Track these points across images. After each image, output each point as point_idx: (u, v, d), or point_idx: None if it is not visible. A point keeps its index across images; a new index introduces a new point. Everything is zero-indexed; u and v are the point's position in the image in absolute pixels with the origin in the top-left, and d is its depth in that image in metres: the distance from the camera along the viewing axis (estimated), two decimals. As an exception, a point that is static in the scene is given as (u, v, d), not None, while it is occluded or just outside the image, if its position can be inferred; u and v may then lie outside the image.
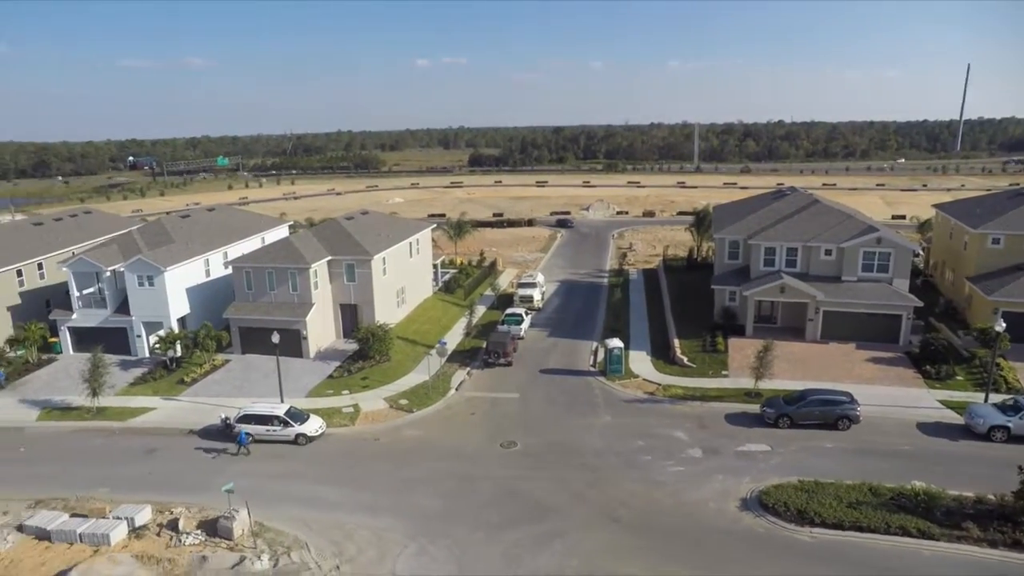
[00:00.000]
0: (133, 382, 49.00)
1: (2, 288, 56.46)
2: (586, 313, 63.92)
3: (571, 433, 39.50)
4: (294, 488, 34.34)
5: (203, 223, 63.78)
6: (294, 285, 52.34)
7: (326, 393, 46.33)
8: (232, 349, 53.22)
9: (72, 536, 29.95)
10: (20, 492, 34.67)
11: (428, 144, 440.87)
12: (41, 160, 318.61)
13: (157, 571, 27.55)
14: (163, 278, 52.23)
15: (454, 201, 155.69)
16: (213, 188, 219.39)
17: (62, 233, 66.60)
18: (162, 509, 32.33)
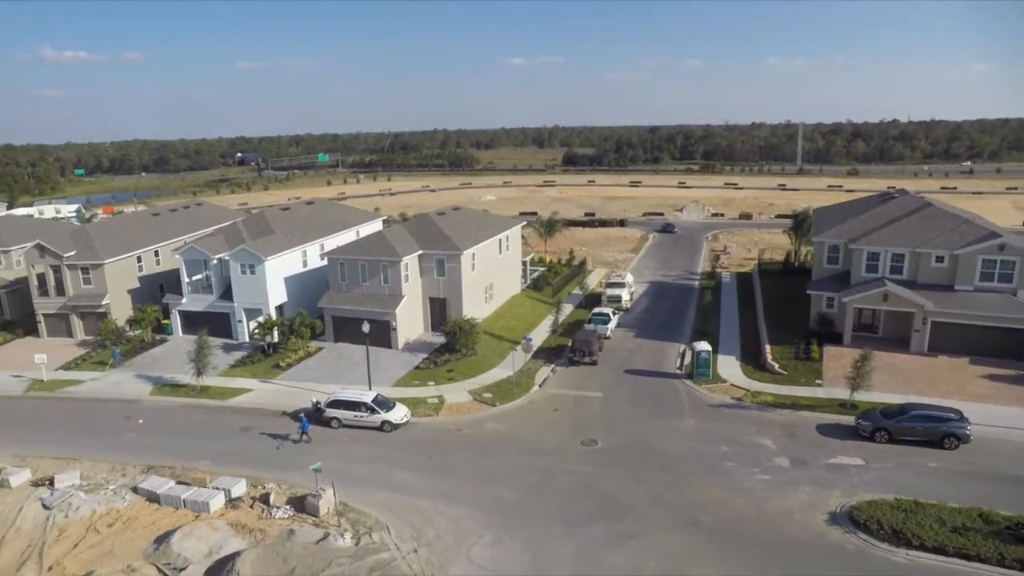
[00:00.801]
0: (233, 364, 52.28)
1: (124, 273, 61.56)
2: (675, 315, 62.91)
3: (653, 434, 39.13)
4: (378, 472, 35.78)
5: (302, 216, 67.13)
6: (385, 278, 54.27)
7: (412, 383, 47.85)
8: (325, 337, 55.78)
9: (177, 501, 32.53)
10: (135, 458, 37.99)
11: (522, 143, 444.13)
12: (161, 156, 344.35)
13: (249, 540, 29.50)
14: (264, 267, 55.41)
15: (546, 200, 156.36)
16: (313, 183, 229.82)
17: (176, 223, 71.85)
18: (256, 483, 34.54)
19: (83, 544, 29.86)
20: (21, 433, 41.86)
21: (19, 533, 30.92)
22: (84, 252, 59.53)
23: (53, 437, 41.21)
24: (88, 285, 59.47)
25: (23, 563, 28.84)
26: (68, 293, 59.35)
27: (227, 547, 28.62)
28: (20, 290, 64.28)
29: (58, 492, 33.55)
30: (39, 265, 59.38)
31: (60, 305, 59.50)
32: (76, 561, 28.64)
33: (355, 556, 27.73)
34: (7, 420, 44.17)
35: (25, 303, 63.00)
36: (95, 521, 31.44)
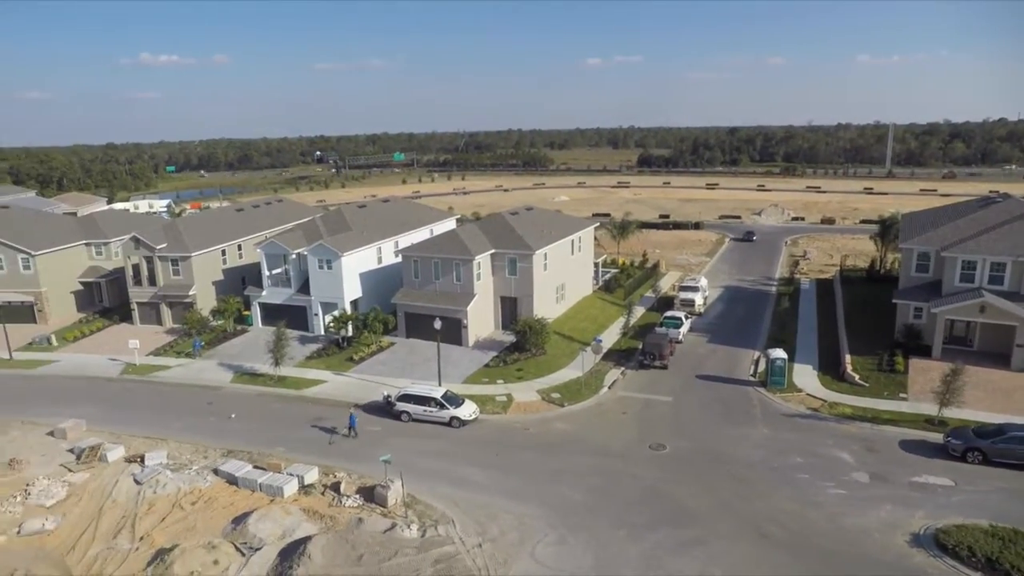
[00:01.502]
0: (309, 356, 54.27)
1: (210, 265, 64.86)
2: (750, 321, 61.44)
3: (724, 442, 38.42)
4: (445, 467, 36.52)
5: (378, 213, 69.00)
6: (458, 275, 55.21)
7: (482, 381, 48.52)
8: (397, 332, 57.19)
9: (254, 485, 34.15)
10: (216, 442, 40.09)
11: (597, 143, 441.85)
12: (245, 154, 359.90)
13: (320, 525, 30.70)
14: (340, 262, 57.30)
15: (620, 201, 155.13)
16: (389, 182, 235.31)
17: (258, 219, 75.13)
18: (327, 472, 35.84)
19: (169, 519, 31.78)
20: (116, 412, 44.82)
21: (115, 504, 33.18)
22: (174, 245, 63.06)
23: (144, 418, 43.94)
24: (177, 276, 62.96)
25: (118, 531, 30.97)
26: (159, 283, 63.00)
27: (299, 531, 29.86)
28: (118, 279, 68.64)
29: (148, 469, 35.80)
30: (134, 256, 63.26)
31: (152, 294, 63.25)
32: (163, 534, 30.51)
33: (420, 548, 28.45)
34: (105, 400, 47.32)
35: (121, 292, 67.25)
36: (180, 498, 33.38)
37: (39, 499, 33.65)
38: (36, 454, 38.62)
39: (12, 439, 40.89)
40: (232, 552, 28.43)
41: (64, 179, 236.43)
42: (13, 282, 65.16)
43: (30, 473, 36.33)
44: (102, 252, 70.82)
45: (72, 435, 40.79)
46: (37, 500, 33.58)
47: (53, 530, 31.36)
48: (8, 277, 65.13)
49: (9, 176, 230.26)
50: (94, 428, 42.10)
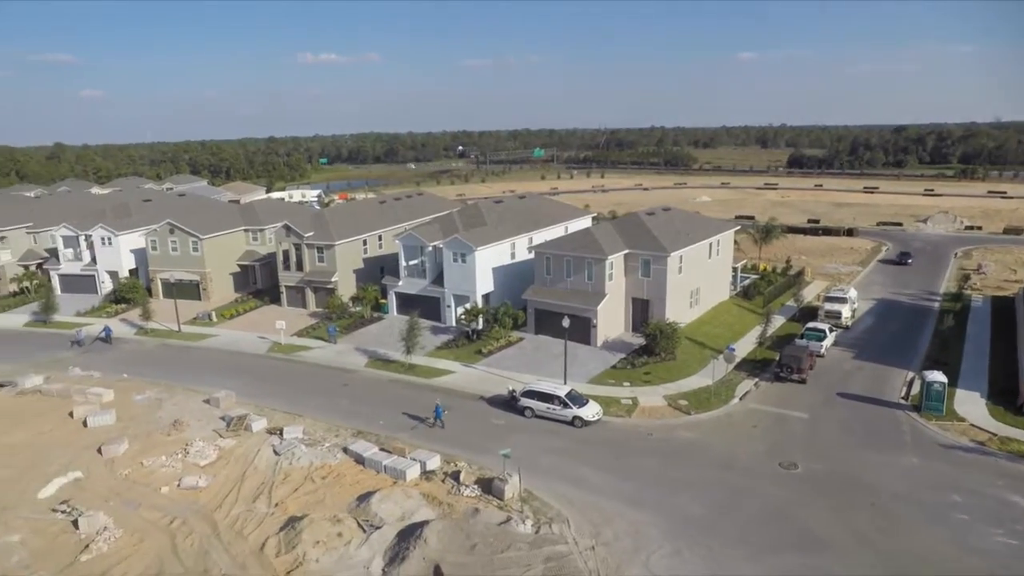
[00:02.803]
0: (439, 346, 56.34)
1: (352, 254, 68.98)
2: (904, 338, 56.74)
3: (865, 467, 35.82)
4: (564, 465, 36.74)
5: (514, 209, 70.30)
6: (590, 274, 55.20)
7: (607, 382, 48.28)
8: (527, 328, 58.07)
9: (379, 466, 36.08)
10: (346, 422, 42.70)
11: (744, 142, 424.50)
12: (391, 148, 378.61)
13: (438, 511, 31.90)
14: (474, 256, 58.99)
15: (765, 203, 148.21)
16: (528, 177, 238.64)
17: (398, 211, 78.88)
18: (448, 460, 37.15)
19: (301, 490, 34.29)
20: (262, 387, 48.87)
21: (256, 471, 36.28)
22: (320, 233, 67.61)
23: (285, 394, 47.59)
24: (321, 263, 67.48)
25: (257, 496, 33.87)
26: (305, 269, 67.84)
27: (418, 514, 31.20)
28: (269, 264, 74.68)
29: (285, 442, 38.80)
30: (285, 243, 68.51)
31: (298, 279, 68.22)
32: (295, 503, 32.99)
33: (533, 544, 28.84)
34: (253, 375, 51.73)
35: (272, 275, 73.09)
36: (312, 472, 35.91)
37: (195, 458, 37.43)
38: (194, 418, 42.95)
39: (176, 403, 45.76)
40: (355, 527, 30.23)
41: (231, 169, 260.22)
42: (184, 262, 72.66)
43: (189, 434, 40.48)
44: (258, 238, 77.27)
45: (224, 404, 44.99)
46: (193, 459, 37.37)
47: (205, 487, 34.79)
48: (181, 258, 72.70)
49: (187, 167, 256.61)
50: (242, 400, 46.19)
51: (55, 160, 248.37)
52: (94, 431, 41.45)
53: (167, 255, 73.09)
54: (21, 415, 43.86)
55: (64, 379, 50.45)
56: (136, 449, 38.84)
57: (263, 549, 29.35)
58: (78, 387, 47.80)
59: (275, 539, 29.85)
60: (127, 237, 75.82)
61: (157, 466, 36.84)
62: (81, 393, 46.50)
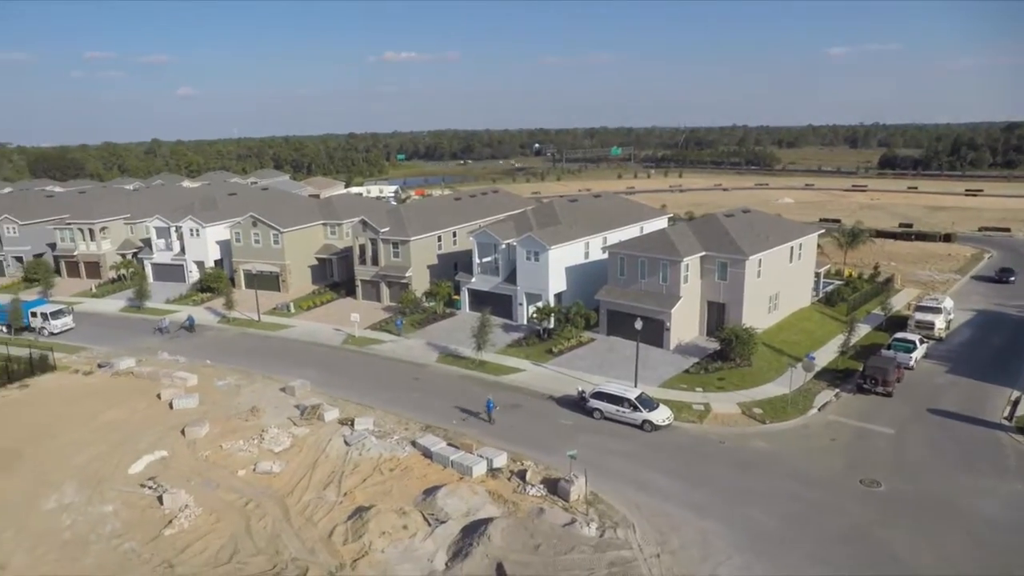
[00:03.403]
0: (510, 344, 56.63)
1: (426, 250, 70.15)
2: (1009, 353, 53.34)
3: (958, 491, 33.86)
4: (632, 470, 36.32)
5: (588, 208, 69.91)
6: (664, 276, 54.34)
7: (679, 386, 47.44)
8: (598, 329, 57.67)
9: (446, 461, 36.57)
10: (417, 416, 43.49)
11: (832, 142, 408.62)
12: (468, 144, 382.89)
13: (503, 509, 32.08)
14: (547, 255, 59.00)
15: (852, 206, 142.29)
16: (604, 176, 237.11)
17: (473, 208, 79.68)
18: (515, 459, 37.29)
19: (370, 481, 35.14)
20: (335, 378, 50.33)
21: (327, 460, 37.41)
22: (396, 229, 69.01)
23: (357, 385, 48.84)
24: (396, 258, 68.89)
25: (327, 484, 34.93)
26: (380, 263, 69.41)
27: (483, 511, 31.47)
28: (346, 257, 76.79)
29: (356, 433, 39.83)
30: (361, 237, 70.28)
31: (374, 273, 69.88)
32: (364, 494, 33.83)
33: (597, 547, 28.63)
34: (327, 366, 53.34)
35: (348, 269, 75.14)
36: (380, 463, 36.75)
37: (270, 444, 38.91)
38: (271, 405, 44.65)
39: (255, 390, 47.70)
40: (420, 521, 30.77)
41: (312, 164, 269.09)
42: (265, 254, 75.60)
43: (265, 421, 42.11)
44: (335, 232, 79.55)
45: (299, 393, 46.58)
46: (268, 445, 38.85)
47: (278, 473, 36.12)
48: (262, 250, 75.66)
49: (271, 161, 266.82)
50: (316, 389, 47.70)
51: (152, 155, 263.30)
52: (179, 413, 43.69)
53: (249, 247, 76.23)
54: (116, 395, 46.67)
55: (154, 363, 53.39)
56: (216, 432, 40.71)
57: (331, 536, 30.24)
58: (166, 371, 50.53)
59: (343, 527, 30.71)
60: (213, 229, 79.49)
61: (235, 450, 38.51)
62: (168, 377, 49.15)
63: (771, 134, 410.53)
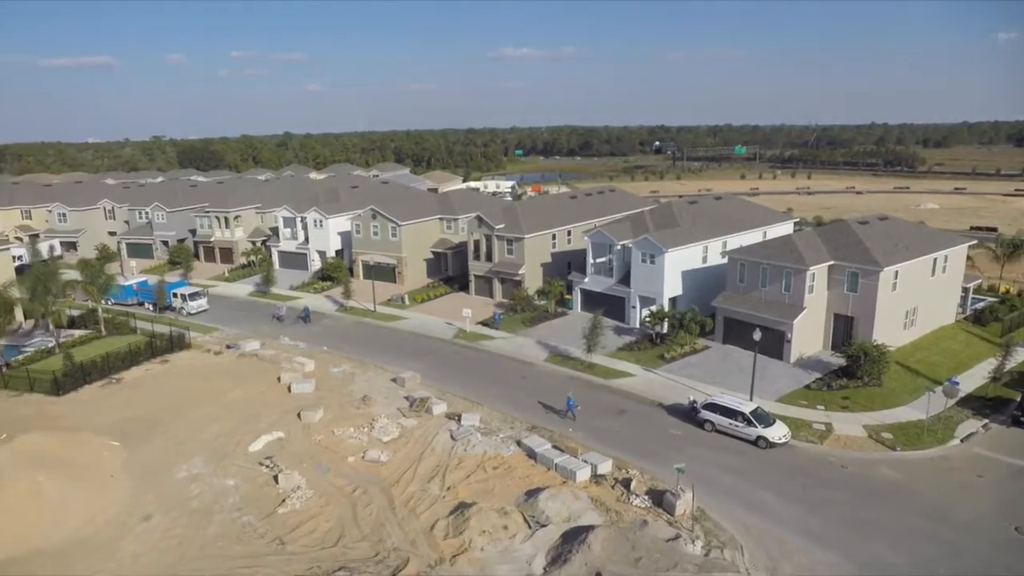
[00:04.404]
0: (620, 347, 55.86)
1: (540, 248, 70.42)
2: None
3: None
4: (742, 488, 34.90)
5: (708, 211, 67.79)
6: (787, 285, 51.88)
7: (798, 402, 45.14)
8: (714, 337, 55.86)
9: (550, 463, 36.55)
10: (523, 414, 43.76)
11: (991, 140, 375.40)
12: (587, 141, 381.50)
13: (604, 517, 31.67)
14: (663, 258, 57.74)
15: (1014, 213, 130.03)
16: (726, 176, 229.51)
17: (589, 207, 79.19)
18: (620, 466, 36.74)
19: (473, 477, 35.70)
20: (445, 372, 51.52)
21: (433, 453, 38.37)
22: (511, 226, 69.68)
23: (465, 380, 49.75)
24: (510, 255, 69.57)
25: (432, 478, 35.85)
26: (494, 260, 70.36)
27: (584, 518, 31.20)
28: (460, 252, 78.38)
29: (462, 428, 40.58)
30: (476, 233, 71.50)
31: (487, 269, 70.93)
32: (466, 490, 34.42)
33: (702, 567, 27.68)
34: (437, 359, 54.68)
35: (462, 264, 76.68)
36: (484, 461, 37.24)
37: (379, 434, 40.36)
38: (381, 395, 46.29)
39: (367, 379, 49.65)
40: (521, 522, 30.93)
41: (432, 159, 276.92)
42: (384, 247, 78.50)
43: (375, 410, 43.72)
44: (451, 227, 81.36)
45: (409, 385, 48.03)
46: (377, 434, 40.31)
47: (385, 462, 37.44)
48: (380, 242, 78.62)
49: (393, 155, 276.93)
50: (425, 382, 49.00)
51: (283, 147, 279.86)
52: (296, 397, 46.16)
53: (369, 239, 79.40)
54: (241, 375, 49.97)
55: (276, 347, 56.72)
56: (329, 418, 42.69)
57: (432, 530, 30.98)
58: (286, 355, 53.58)
59: (444, 522, 31.36)
60: (335, 220, 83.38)
61: (346, 436, 40.22)
62: (288, 361, 52.07)
63: (915, 132, 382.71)
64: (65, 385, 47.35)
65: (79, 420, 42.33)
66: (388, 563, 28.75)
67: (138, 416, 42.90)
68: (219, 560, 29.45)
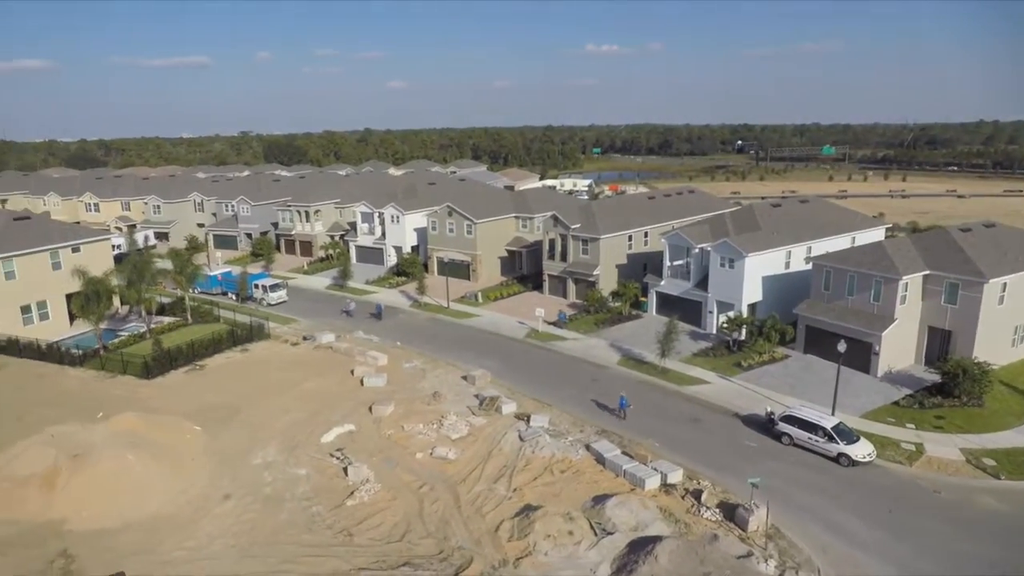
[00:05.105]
0: (695, 353, 54.59)
1: (615, 249, 69.58)
2: None
3: None
4: (821, 507, 33.48)
5: (792, 214, 65.41)
6: (877, 295, 49.53)
7: (885, 420, 42.97)
8: (794, 346, 53.91)
9: (619, 469, 36.00)
10: (592, 419, 43.32)
11: None
12: (666, 140, 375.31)
13: (673, 529, 30.93)
14: (743, 263, 56.08)
15: None
16: (813, 177, 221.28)
17: (667, 208, 77.74)
18: (691, 476, 35.86)
19: (540, 480, 35.53)
20: (515, 371, 51.58)
21: (500, 453, 38.42)
22: (587, 226, 69.12)
23: (536, 381, 49.67)
24: (585, 255, 69.04)
25: (499, 478, 35.87)
26: (569, 260, 69.96)
27: (652, 528, 30.57)
28: (535, 251, 78.33)
29: (531, 430, 40.47)
30: (552, 232, 71.26)
31: (561, 269, 70.62)
32: (533, 492, 34.28)
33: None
34: (508, 358, 54.79)
35: (536, 262, 76.59)
36: (552, 464, 37.01)
37: (448, 431, 40.70)
38: (452, 392, 46.71)
39: (438, 375, 50.20)
40: (587, 528, 30.54)
41: (509, 156, 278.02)
42: (459, 244, 79.28)
43: (445, 407, 44.12)
44: (527, 225, 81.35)
45: (479, 383, 48.27)
46: (446, 432, 40.66)
47: (453, 460, 37.70)
48: (456, 239, 79.43)
49: (470, 151, 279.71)
50: (496, 381, 49.16)
51: (364, 143, 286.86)
52: (368, 390, 47.11)
53: (444, 235, 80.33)
54: (316, 367, 51.39)
55: (350, 340, 58.04)
56: (399, 413, 43.36)
57: (497, 531, 30.97)
58: (360, 349, 54.75)
59: (509, 523, 31.32)
60: (412, 216, 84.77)
61: (415, 432, 40.75)
62: (362, 355, 53.20)
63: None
64: (154, 370, 49.87)
65: (165, 404, 44.44)
66: (452, 561, 28.92)
67: (218, 403, 44.70)
68: (288, 547, 30.30)
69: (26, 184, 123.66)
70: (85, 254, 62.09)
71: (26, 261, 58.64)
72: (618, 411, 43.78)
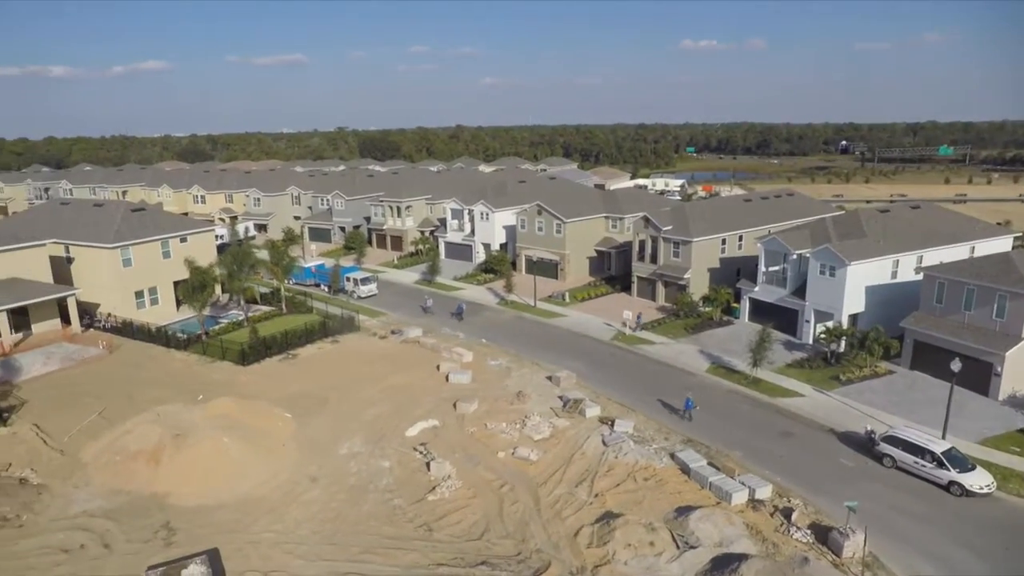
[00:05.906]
0: (790, 363, 52.48)
1: (708, 252, 67.81)
2: None
3: None
4: (927, 538, 31.46)
5: (902, 221, 61.83)
6: (1000, 310, 46.13)
7: (1008, 448, 39.80)
8: (899, 361, 51.03)
9: (704, 481, 35.03)
10: (678, 426, 42.43)
11: None
12: (764, 139, 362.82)
13: (759, 548, 29.75)
14: (845, 271, 53.50)
15: None
16: (926, 180, 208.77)
17: (764, 211, 75.14)
18: (782, 493, 34.45)
19: (622, 487, 34.99)
20: (600, 373, 51.06)
21: (583, 456, 38.10)
22: (678, 228, 67.63)
23: (621, 384, 49.00)
24: (676, 258, 67.60)
25: (580, 482, 35.58)
26: (659, 262, 68.69)
27: (736, 545, 29.53)
28: (624, 252, 77.40)
29: (615, 434, 39.93)
30: (642, 234, 70.15)
31: (651, 271, 69.42)
32: (614, 499, 33.81)
33: (873, 619, 25.27)
34: (594, 360, 54.28)
35: (626, 264, 75.67)
36: (635, 470, 36.39)
37: (530, 432, 40.70)
38: (536, 392, 46.69)
39: (522, 374, 50.31)
40: (668, 540, 29.83)
41: (600, 154, 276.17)
42: (547, 243, 79.24)
43: (528, 407, 44.15)
44: (616, 226, 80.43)
45: (564, 384, 48.05)
46: (529, 432, 40.67)
47: (535, 461, 37.65)
48: (544, 238, 79.43)
49: (561, 149, 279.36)
50: (580, 383, 48.80)
51: (455, 140, 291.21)
52: (453, 387, 47.72)
53: (533, 234, 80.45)
54: (404, 361, 52.52)
55: (437, 335, 58.98)
56: (483, 411, 43.70)
57: (576, 536, 30.72)
58: (446, 345, 55.52)
59: (589, 529, 30.99)
60: (501, 214, 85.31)
61: (498, 431, 40.96)
62: (448, 350, 53.93)
63: None
64: (250, 357, 52.25)
65: (259, 390, 46.46)
66: (530, 564, 28.87)
67: (308, 392, 46.35)
68: (369, 537, 31.05)
69: (143, 177, 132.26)
70: (192, 244, 65.81)
71: (141, 249, 62.84)
72: (683, 412, 43.13)
